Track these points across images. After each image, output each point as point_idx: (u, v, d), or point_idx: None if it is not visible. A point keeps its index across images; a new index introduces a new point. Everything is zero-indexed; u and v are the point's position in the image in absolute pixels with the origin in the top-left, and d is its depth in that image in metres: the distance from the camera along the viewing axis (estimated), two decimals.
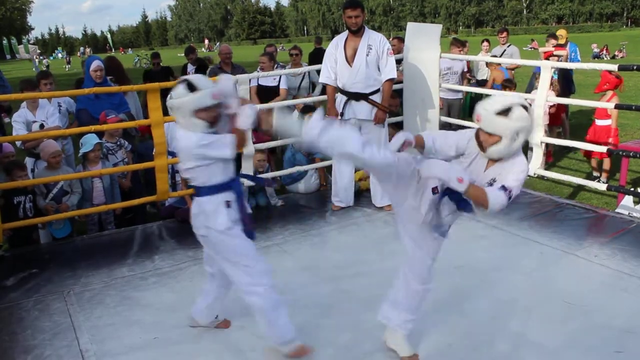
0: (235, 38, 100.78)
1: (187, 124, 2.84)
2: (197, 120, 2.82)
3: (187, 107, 2.80)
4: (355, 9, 5.00)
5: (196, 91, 2.80)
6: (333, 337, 3.29)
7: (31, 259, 4.60)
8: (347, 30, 5.18)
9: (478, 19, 76.93)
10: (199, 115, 2.81)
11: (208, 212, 2.90)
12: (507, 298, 3.61)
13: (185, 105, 2.80)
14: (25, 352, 3.26)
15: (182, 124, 2.87)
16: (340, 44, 5.14)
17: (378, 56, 5.08)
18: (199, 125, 2.83)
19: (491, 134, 2.56)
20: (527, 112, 2.55)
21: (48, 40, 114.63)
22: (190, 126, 2.84)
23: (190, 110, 2.80)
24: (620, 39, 28.40)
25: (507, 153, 2.60)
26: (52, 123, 5.47)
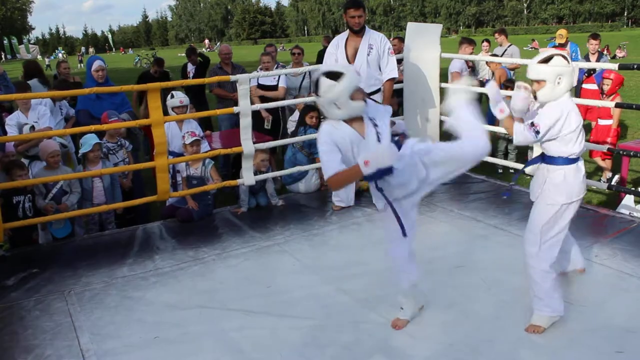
0: (235, 38, 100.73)
1: (347, 110, 2.86)
2: (356, 103, 2.86)
3: (344, 94, 2.82)
4: (358, 9, 5.02)
5: (341, 77, 2.82)
6: (333, 337, 3.30)
7: (32, 258, 4.60)
8: (347, 30, 5.18)
9: (478, 19, 76.89)
10: (355, 97, 2.85)
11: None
12: (508, 298, 3.61)
13: (343, 93, 2.81)
14: (26, 352, 3.27)
15: (340, 114, 2.88)
16: (341, 44, 5.15)
17: (379, 56, 5.09)
18: (358, 107, 2.87)
19: (537, 81, 3.09)
20: (565, 60, 3.07)
21: (49, 40, 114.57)
22: (352, 110, 2.86)
23: (347, 96, 2.82)
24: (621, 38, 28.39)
25: (552, 96, 3.09)
26: (44, 124, 5.46)
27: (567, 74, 3.06)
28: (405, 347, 3.17)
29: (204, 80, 6.52)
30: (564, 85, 3.07)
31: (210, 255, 4.55)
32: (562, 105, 3.09)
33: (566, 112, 3.07)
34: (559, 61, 3.07)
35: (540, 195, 3.25)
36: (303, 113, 6.24)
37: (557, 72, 3.05)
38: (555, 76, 3.04)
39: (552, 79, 3.05)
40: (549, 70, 3.05)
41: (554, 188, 3.17)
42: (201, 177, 5.37)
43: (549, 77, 3.05)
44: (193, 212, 5.27)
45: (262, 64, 6.93)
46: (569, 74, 3.07)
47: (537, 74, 3.09)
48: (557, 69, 3.05)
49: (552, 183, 3.17)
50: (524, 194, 5.66)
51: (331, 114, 2.91)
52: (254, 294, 3.86)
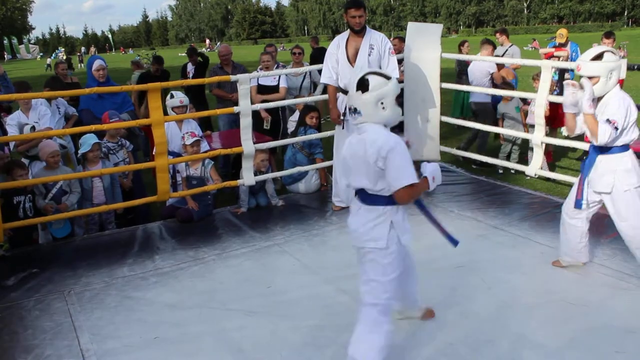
0: (235, 38, 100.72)
1: (392, 113, 2.78)
2: (397, 107, 2.82)
3: (392, 93, 2.77)
4: (359, 9, 5.00)
5: (390, 79, 2.78)
6: (333, 337, 3.30)
7: (32, 258, 4.60)
8: (348, 30, 5.17)
9: (478, 19, 76.88)
10: (397, 102, 2.83)
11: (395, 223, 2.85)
12: (508, 298, 3.61)
13: (391, 92, 2.76)
14: (26, 352, 3.27)
15: (383, 116, 2.76)
16: (342, 44, 5.13)
17: (380, 56, 5.07)
18: (398, 113, 2.84)
19: (591, 77, 3.40)
20: (615, 55, 3.40)
21: (49, 40, 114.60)
22: (395, 115, 2.81)
23: (393, 97, 2.78)
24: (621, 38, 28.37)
25: (605, 90, 3.43)
26: (44, 124, 5.46)
27: (617, 69, 3.39)
28: (405, 347, 3.17)
29: (204, 80, 6.52)
30: (615, 79, 3.39)
31: (210, 256, 4.55)
32: (621, 95, 3.41)
33: (628, 101, 3.41)
34: (610, 57, 3.39)
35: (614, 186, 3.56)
36: (303, 113, 6.24)
37: (610, 68, 3.37)
38: (608, 71, 3.37)
39: (605, 74, 3.37)
40: (603, 66, 3.37)
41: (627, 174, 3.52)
42: (201, 177, 5.37)
43: (602, 72, 3.37)
44: (193, 212, 5.27)
45: (262, 63, 6.92)
46: (619, 69, 3.40)
47: (592, 71, 3.39)
48: (610, 64, 3.37)
49: (625, 169, 3.52)
50: (524, 194, 5.67)
51: (372, 115, 2.75)
52: (254, 294, 3.86)
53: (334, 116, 5.21)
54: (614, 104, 3.42)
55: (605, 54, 3.40)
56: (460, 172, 6.49)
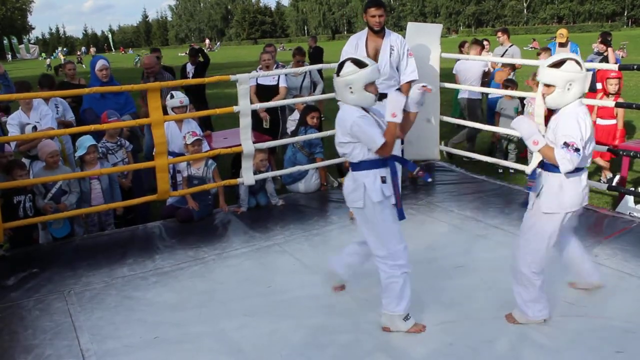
0: (235, 38, 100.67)
1: (358, 97, 3.11)
2: (368, 94, 3.11)
3: (360, 81, 3.08)
4: (380, 8, 4.91)
5: (365, 67, 3.09)
6: (333, 337, 3.30)
7: (31, 258, 4.60)
8: (365, 30, 5.09)
9: (478, 19, 76.87)
10: (368, 89, 3.10)
11: (366, 185, 3.15)
12: (508, 298, 3.60)
13: (358, 79, 3.07)
14: (26, 352, 3.27)
15: (351, 99, 3.13)
16: (361, 45, 5.03)
17: (399, 57, 5.05)
18: (369, 98, 3.12)
19: (548, 85, 2.98)
20: (578, 66, 2.93)
21: (49, 40, 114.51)
22: (362, 99, 3.12)
23: (362, 84, 3.08)
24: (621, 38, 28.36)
25: (561, 102, 2.98)
26: (46, 124, 5.46)
27: (579, 80, 2.93)
28: (405, 347, 3.17)
29: (204, 80, 6.52)
30: (575, 91, 2.94)
31: (210, 255, 4.55)
32: (574, 111, 2.96)
33: (582, 118, 2.93)
34: (571, 66, 2.93)
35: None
36: (304, 113, 6.24)
37: (568, 78, 2.92)
38: (566, 82, 2.92)
39: (562, 84, 2.93)
40: (559, 75, 2.93)
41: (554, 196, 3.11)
42: (202, 177, 5.37)
43: (558, 82, 2.93)
44: (193, 212, 5.27)
45: (262, 62, 6.92)
46: (581, 80, 2.93)
47: (546, 78, 2.98)
48: (569, 75, 2.92)
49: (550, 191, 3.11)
50: (524, 194, 5.66)
51: (343, 96, 3.15)
52: (254, 294, 3.86)
53: None
54: (566, 122, 2.95)
55: (567, 63, 2.94)
56: (461, 171, 6.49)
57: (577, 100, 2.98)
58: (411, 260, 3.52)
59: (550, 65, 2.97)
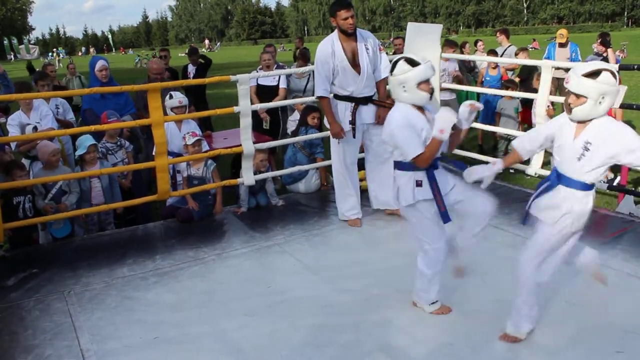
0: (235, 38, 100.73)
1: (411, 96, 3.18)
2: (421, 92, 3.16)
3: (413, 79, 3.13)
4: (350, 9, 4.67)
5: (418, 65, 3.13)
6: (333, 337, 3.30)
7: (31, 259, 4.60)
8: (335, 33, 4.81)
9: (478, 19, 76.89)
10: (421, 88, 3.15)
11: (399, 187, 3.28)
12: (508, 298, 3.59)
13: (411, 78, 3.13)
14: (26, 352, 3.27)
15: (404, 98, 3.21)
16: (338, 50, 4.73)
17: (374, 55, 4.91)
18: (423, 96, 3.18)
19: (578, 95, 2.73)
20: (614, 78, 2.71)
21: (49, 41, 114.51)
22: (415, 98, 3.18)
23: (415, 82, 3.13)
24: (620, 39, 28.38)
25: (592, 114, 2.75)
26: (46, 125, 5.45)
27: (611, 94, 2.71)
28: (405, 347, 3.17)
29: (204, 80, 6.53)
30: (606, 105, 2.73)
31: (210, 256, 4.55)
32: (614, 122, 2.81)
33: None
34: (607, 78, 2.69)
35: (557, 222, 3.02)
36: (305, 113, 6.24)
37: (602, 91, 2.68)
38: (599, 95, 2.68)
39: (595, 96, 2.68)
40: (594, 86, 2.68)
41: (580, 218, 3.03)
42: (202, 177, 5.37)
43: (592, 93, 2.69)
44: (193, 212, 5.27)
45: (263, 62, 6.92)
46: (613, 95, 2.72)
47: (580, 89, 2.71)
48: (603, 87, 2.68)
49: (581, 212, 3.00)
50: (525, 194, 5.66)
51: (397, 95, 3.24)
52: (254, 294, 3.86)
53: (336, 130, 4.83)
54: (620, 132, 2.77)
55: (603, 74, 2.69)
56: (460, 171, 6.47)
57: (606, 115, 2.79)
58: (411, 260, 3.53)
59: (585, 75, 2.71)
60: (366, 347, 3.19)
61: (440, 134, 3.05)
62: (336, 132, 4.86)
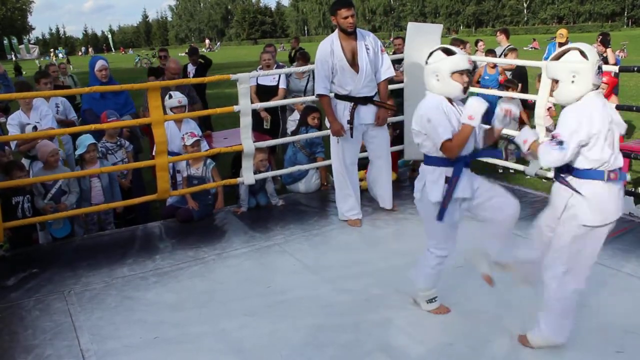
0: (235, 38, 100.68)
1: (444, 86, 3.08)
2: (454, 82, 3.07)
3: (447, 68, 3.05)
4: (351, 8, 4.69)
5: (453, 55, 3.06)
6: (333, 337, 3.30)
7: (31, 258, 4.60)
8: (335, 33, 4.83)
9: (478, 19, 76.88)
10: (455, 78, 3.06)
11: (427, 182, 3.17)
12: (508, 298, 3.61)
13: (445, 67, 3.05)
14: (26, 352, 3.27)
15: (437, 87, 3.11)
16: (336, 49, 4.76)
17: (375, 56, 4.92)
18: (455, 87, 3.07)
19: (555, 80, 2.79)
20: (581, 55, 2.69)
21: (49, 40, 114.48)
22: (448, 88, 3.08)
23: (449, 71, 3.05)
24: (620, 39, 28.38)
25: (568, 96, 2.76)
26: (46, 124, 5.45)
27: (583, 71, 2.67)
28: (405, 347, 3.17)
29: (204, 79, 6.51)
30: (581, 83, 2.69)
31: (210, 255, 4.55)
32: (579, 104, 2.71)
33: (583, 111, 2.68)
34: (572, 56, 2.71)
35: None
36: (305, 113, 6.23)
37: (570, 69, 2.69)
38: (569, 73, 2.70)
39: (564, 77, 2.72)
40: (560, 67, 2.74)
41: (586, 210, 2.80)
42: (202, 177, 5.37)
43: (560, 75, 2.74)
44: (193, 212, 5.27)
45: (263, 61, 6.92)
46: (586, 71, 2.67)
47: (549, 73, 2.82)
48: (570, 66, 2.70)
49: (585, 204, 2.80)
50: (524, 194, 5.67)
51: (429, 85, 3.15)
52: (254, 294, 3.86)
53: (336, 128, 4.85)
54: (565, 114, 2.74)
55: (568, 53, 2.73)
56: None
57: (593, 93, 2.71)
58: (412, 260, 3.53)
59: (552, 59, 2.81)
60: (366, 347, 3.19)
61: (470, 120, 2.98)
62: (336, 130, 4.87)
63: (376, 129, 5.01)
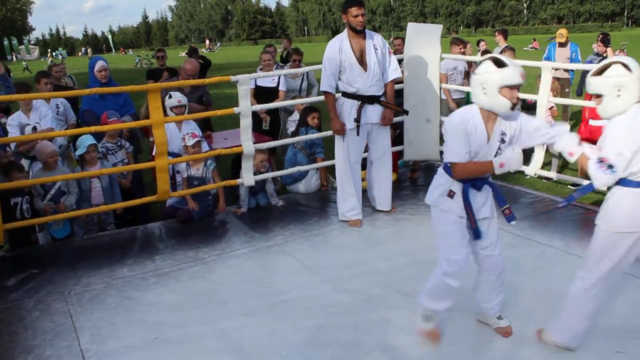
0: (235, 38, 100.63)
1: (491, 100, 2.85)
2: (502, 98, 2.83)
3: (495, 82, 2.81)
4: (361, 7, 4.78)
5: (504, 67, 2.82)
6: (333, 337, 3.30)
7: (31, 259, 4.60)
8: (345, 32, 4.93)
9: (478, 19, 76.86)
10: (503, 93, 2.82)
11: (433, 184, 3.11)
12: (508, 298, 3.60)
13: (493, 80, 2.82)
14: (26, 352, 3.27)
15: (483, 101, 2.88)
16: (345, 47, 4.84)
17: (383, 56, 4.95)
18: (503, 103, 2.83)
19: (597, 95, 2.75)
20: (624, 69, 2.68)
21: (49, 41, 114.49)
22: (495, 103, 2.85)
23: (497, 85, 2.81)
24: (620, 39, 28.37)
25: (614, 110, 2.73)
26: (45, 125, 5.45)
27: (628, 84, 2.67)
28: (405, 347, 3.17)
29: (204, 80, 6.51)
30: (627, 96, 2.68)
31: (210, 256, 4.55)
32: (622, 119, 2.71)
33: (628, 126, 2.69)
34: (616, 70, 2.70)
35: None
36: (304, 114, 6.23)
37: (615, 84, 2.69)
38: (613, 88, 2.69)
39: (609, 92, 2.70)
40: (604, 82, 2.72)
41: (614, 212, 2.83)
42: (202, 177, 5.37)
43: (605, 90, 2.72)
44: (193, 212, 5.27)
45: (263, 62, 6.92)
46: (632, 83, 2.67)
47: (592, 88, 2.78)
48: (615, 80, 2.69)
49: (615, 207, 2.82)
50: (524, 194, 5.67)
51: (476, 97, 2.94)
52: (254, 295, 3.86)
53: (337, 127, 4.92)
54: (608, 131, 2.75)
55: (610, 67, 2.72)
56: None
57: (636, 105, 2.70)
58: (411, 260, 3.53)
59: (593, 74, 2.77)
60: (366, 347, 3.19)
61: (499, 167, 2.86)
62: (337, 128, 4.93)
63: (380, 129, 5.04)
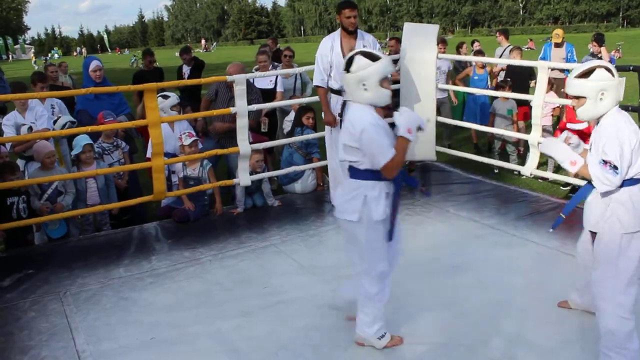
0: (232, 38, 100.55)
1: (374, 95, 2.83)
2: (384, 90, 2.83)
3: (375, 75, 2.80)
4: (354, 9, 5.04)
5: (378, 59, 2.82)
6: (330, 337, 3.30)
7: (27, 259, 4.59)
8: (339, 31, 5.17)
9: (474, 19, 76.97)
10: (384, 85, 2.83)
11: (368, 199, 2.88)
12: (504, 298, 3.62)
13: (373, 74, 2.80)
14: (22, 353, 3.26)
15: (365, 97, 2.85)
16: (336, 46, 5.11)
17: None
18: (385, 95, 2.84)
19: (577, 97, 2.76)
20: (609, 73, 2.71)
21: (44, 41, 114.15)
22: (378, 97, 2.84)
23: (377, 79, 2.81)
24: (616, 39, 28.49)
25: (595, 113, 2.75)
26: (41, 125, 5.42)
27: (611, 88, 2.70)
28: (402, 347, 3.17)
29: (200, 81, 6.50)
30: (609, 100, 2.71)
31: (206, 256, 4.54)
32: (613, 122, 2.71)
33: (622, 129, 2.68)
34: (601, 74, 2.71)
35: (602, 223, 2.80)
36: (299, 114, 6.23)
37: (600, 88, 2.69)
38: (597, 92, 2.69)
39: (593, 95, 2.70)
40: (589, 85, 2.70)
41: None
42: (198, 178, 5.37)
43: (589, 93, 2.71)
44: (189, 212, 5.26)
45: (259, 63, 6.90)
46: (614, 88, 2.70)
47: (575, 90, 2.75)
48: (600, 84, 2.69)
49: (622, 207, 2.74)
50: (520, 194, 5.68)
51: (355, 95, 2.87)
52: (250, 295, 3.86)
53: (329, 119, 5.18)
54: (605, 134, 2.71)
55: (596, 71, 2.71)
56: (456, 172, 6.50)
57: (614, 108, 2.74)
58: (407, 260, 3.53)
59: (577, 76, 2.75)
60: (366, 346, 3.19)
61: (408, 134, 2.77)
62: (329, 120, 5.20)
63: None
